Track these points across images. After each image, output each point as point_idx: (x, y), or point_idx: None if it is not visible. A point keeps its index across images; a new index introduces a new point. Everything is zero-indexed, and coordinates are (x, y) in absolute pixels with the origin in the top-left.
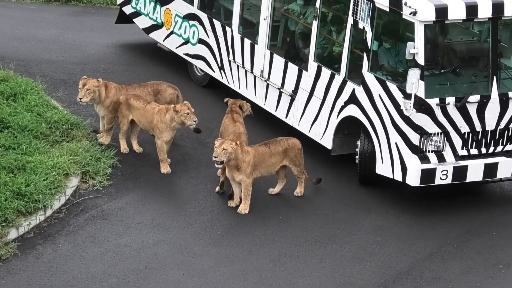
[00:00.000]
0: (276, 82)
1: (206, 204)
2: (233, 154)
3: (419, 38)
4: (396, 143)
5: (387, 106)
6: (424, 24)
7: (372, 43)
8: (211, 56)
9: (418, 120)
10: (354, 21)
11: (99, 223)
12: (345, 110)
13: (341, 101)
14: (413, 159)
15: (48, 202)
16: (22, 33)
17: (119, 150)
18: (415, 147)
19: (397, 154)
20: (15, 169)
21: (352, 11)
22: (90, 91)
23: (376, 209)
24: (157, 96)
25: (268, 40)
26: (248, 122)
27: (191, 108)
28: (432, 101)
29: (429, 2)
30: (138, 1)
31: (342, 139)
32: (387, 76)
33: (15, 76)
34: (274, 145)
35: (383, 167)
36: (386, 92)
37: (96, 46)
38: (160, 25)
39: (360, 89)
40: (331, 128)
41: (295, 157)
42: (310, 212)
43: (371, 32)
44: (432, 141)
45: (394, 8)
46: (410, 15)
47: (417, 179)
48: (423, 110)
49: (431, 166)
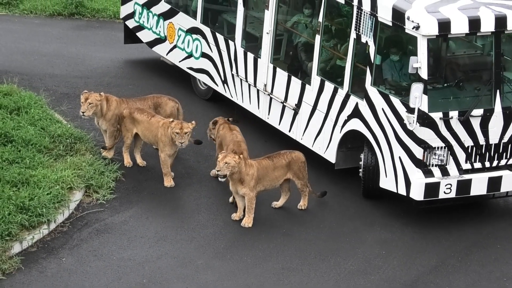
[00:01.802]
0: (279, 96)
1: (209, 218)
2: (236, 167)
3: (422, 52)
4: (399, 157)
5: (391, 120)
6: (427, 38)
7: (375, 57)
8: (214, 70)
9: (421, 134)
10: (357, 35)
11: (103, 237)
12: (348, 124)
13: (345, 115)
14: (417, 173)
15: (52, 216)
16: (25, 47)
17: (123, 164)
18: (419, 161)
19: (400, 168)
20: (19, 183)
21: (355, 25)
22: (93, 105)
23: (380, 222)
24: (157, 109)
25: (271, 54)
26: (252, 136)
27: (184, 129)
28: (435, 115)
29: (432, 16)
30: (141, 15)
31: (345, 153)
32: (390, 90)
33: (18, 90)
34: (278, 158)
35: (387, 181)
36: (389, 106)
37: (99, 60)
38: (163, 39)
39: (363, 103)
40: (335, 142)
41: (298, 170)
42: (314, 225)
43: (374, 46)
44: (435, 155)
45: (396, 22)
46: (413, 29)
47: (421, 193)
48: (426, 124)
49: (435, 180)
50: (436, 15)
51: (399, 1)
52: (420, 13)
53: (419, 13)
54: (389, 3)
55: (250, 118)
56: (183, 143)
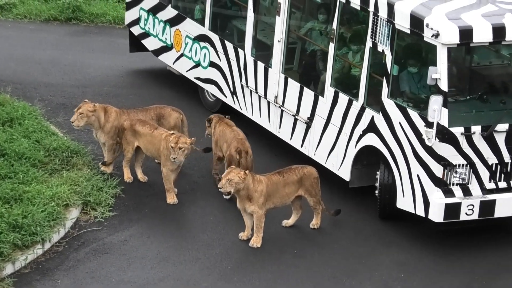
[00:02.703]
0: (291, 109)
1: (215, 237)
2: (241, 184)
3: (442, 63)
4: (418, 175)
5: (408, 135)
6: (447, 47)
7: (392, 67)
8: (223, 80)
9: (441, 150)
10: (373, 44)
11: (101, 258)
12: (363, 139)
13: (360, 129)
14: (436, 193)
15: (47, 235)
16: (19, 54)
17: (123, 179)
18: (438, 180)
19: (419, 187)
20: (11, 199)
21: (371, 32)
22: (83, 115)
23: (398, 243)
24: (160, 120)
25: (283, 63)
26: (261, 150)
27: (179, 143)
28: (456, 130)
29: (453, 23)
30: (146, 21)
31: (360, 170)
32: (408, 102)
33: (11, 100)
34: (289, 174)
35: (404, 201)
36: (407, 120)
37: (98, 68)
38: (170, 47)
39: (379, 116)
40: (349, 158)
41: (311, 186)
42: (327, 245)
43: (391, 56)
44: (456, 173)
45: (415, 30)
46: (432, 38)
47: (440, 214)
48: (446, 140)
49: (456, 200)
50: (457, 22)
51: (418, 7)
52: (440, 20)
53: (439, 20)
54: (407, 9)
55: (259, 130)
56: (176, 159)
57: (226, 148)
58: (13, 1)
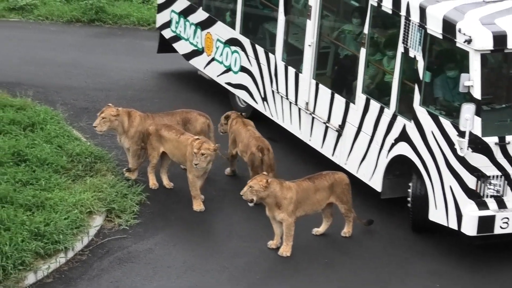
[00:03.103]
0: (322, 116)
1: (243, 245)
2: (262, 192)
3: (475, 69)
4: (450, 186)
5: (441, 144)
6: (480, 53)
7: (424, 73)
8: (253, 85)
9: (474, 161)
10: (405, 49)
11: (126, 267)
12: (395, 148)
13: (391, 138)
14: (469, 205)
15: (70, 243)
16: (40, 56)
17: (148, 186)
18: (471, 191)
19: (451, 198)
20: (33, 206)
21: (402, 37)
22: (106, 119)
23: (431, 253)
24: (186, 125)
25: (314, 69)
26: (289, 156)
27: (202, 149)
28: (490, 139)
29: (486, 29)
30: (178, 24)
31: (393, 180)
32: (440, 110)
33: (33, 104)
34: (320, 180)
35: (437, 213)
36: (439, 129)
37: (122, 71)
38: (201, 51)
39: (411, 125)
40: (381, 168)
41: (342, 193)
42: (359, 255)
43: (423, 62)
44: (491, 185)
45: (447, 35)
46: (464, 43)
47: (473, 227)
48: (479, 150)
49: (490, 213)
50: (491, 27)
51: (450, 12)
52: (473, 25)
53: (472, 25)
54: (439, 14)
55: (287, 136)
56: (198, 165)
57: (241, 147)
58: (34, 1)
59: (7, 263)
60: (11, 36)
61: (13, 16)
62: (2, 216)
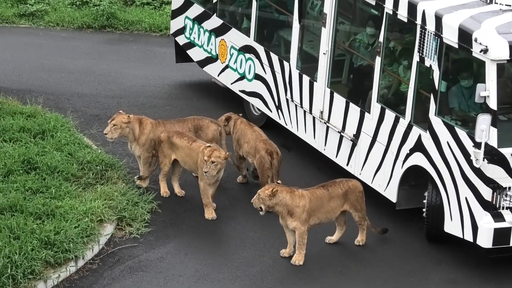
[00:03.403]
0: (336, 125)
1: (255, 254)
2: (267, 201)
3: (491, 79)
4: (466, 197)
5: (456, 155)
6: (497, 63)
7: (439, 83)
8: (268, 93)
9: (490, 172)
10: (420, 58)
11: (137, 276)
12: (410, 159)
13: (406, 148)
14: (485, 217)
15: (80, 251)
16: (51, 63)
17: (159, 194)
18: (487, 203)
19: (467, 210)
20: (43, 215)
21: (418, 46)
22: (117, 127)
23: (447, 261)
24: (198, 132)
25: (329, 77)
26: (303, 163)
27: (212, 157)
28: (506, 150)
29: (503, 38)
30: (192, 30)
31: (408, 191)
32: (456, 121)
33: (43, 111)
34: (333, 188)
35: (452, 225)
36: (455, 139)
37: (133, 78)
38: (215, 58)
39: (426, 135)
40: (396, 178)
41: (356, 201)
42: (373, 263)
43: (439, 71)
44: (507, 197)
45: (463, 44)
46: (480, 53)
47: (489, 239)
48: (495, 161)
49: (506, 225)
50: (508, 36)
51: (466, 20)
52: (489, 34)
53: (488, 35)
54: (455, 23)
55: (301, 143)
56: (207, 173)
57: (247, 149)
58: (44, 8)
59: (16, 272)
60: (21, 42)
61: (23, 22)
62: (12, 225)
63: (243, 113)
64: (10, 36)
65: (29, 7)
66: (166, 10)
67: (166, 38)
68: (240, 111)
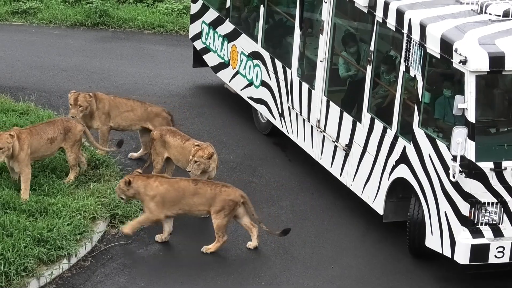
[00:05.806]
0: (331, 134)
1: (248, 251)
2: (126, 190)
3: (470, 91)
4: (445, 212)
5: (437, 168)
6: (475, 75)
7: (423, 94)
8: (272, 101)
9: (467, 187)
10: (406, 68)
11: (130, 273)
12: (396, 171)
13: (393, 159)
14: (462, 232)
15: (73, 249)
16: (44, 61)
17: None
18: (465, 218)
19: (446, 225)
20: (36, 212)
21: (404, 56)
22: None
23: (440, 258)
24: (67, 134)
25: (326, 85)
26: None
27: (195, 156)
28: (484, 165)
29: (483, 49)
30: (207, 35)
31: (396, 203)
32: (438, 133)
33: (36, 108)
34: (201, 185)
35: (432, 240)
36: (435, 152)
37: (126, 75)
38: (227, 64)
39: (410, 146)
40: (383, 190)
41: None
42: (366, 260)
43: (422, 82)
44: (486, 212)
45: (444, 55)
46: (460, 64)
47: (466, 256)
48: (473, 176)
49: (484, 242)
50: (489, 48)
51: (450, 30)
52: (470, 45)
53: (468, 45)
54: (438, 32)
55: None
56: (190, 172)
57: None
58: (37, 5)
59: (9, 269)
60: (14, 40)
61: (16, 20)
62: (4, 222)
63: (255, 123)
64: (3, 34)
65: (22, 4)
66: (159, 7)
67: (158, 36)
68: (235, 110)
